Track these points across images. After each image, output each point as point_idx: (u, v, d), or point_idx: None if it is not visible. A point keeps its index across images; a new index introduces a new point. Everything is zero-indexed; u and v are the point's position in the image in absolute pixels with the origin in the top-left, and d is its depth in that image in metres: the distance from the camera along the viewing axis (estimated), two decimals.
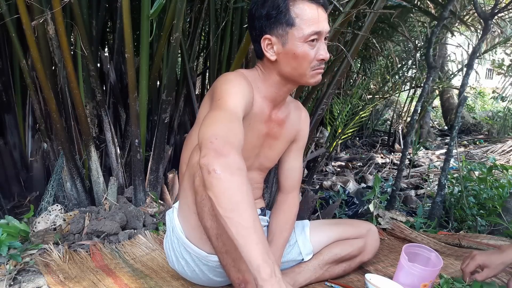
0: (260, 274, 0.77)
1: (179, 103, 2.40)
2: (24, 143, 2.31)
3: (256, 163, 1.27)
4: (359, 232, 1.41)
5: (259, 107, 1.15)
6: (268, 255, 0.79)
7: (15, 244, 1.41)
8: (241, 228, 0.79)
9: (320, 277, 1.35)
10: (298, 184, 1.39)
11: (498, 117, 7.18)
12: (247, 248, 0.79)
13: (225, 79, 1.06)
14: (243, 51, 1.75)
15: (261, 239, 0.80)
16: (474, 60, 2.18)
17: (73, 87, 1.72)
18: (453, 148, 2.19)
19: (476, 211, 2.15)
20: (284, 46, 1.09)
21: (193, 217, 1.05)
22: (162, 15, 1.85)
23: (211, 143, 0.84)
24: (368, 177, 3.42)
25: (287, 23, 1.06)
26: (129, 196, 1.89)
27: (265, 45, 1.10)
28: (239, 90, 1.03)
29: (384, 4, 1.80)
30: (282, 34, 1.08)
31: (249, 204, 0.81)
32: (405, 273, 1.25)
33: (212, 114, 0.95)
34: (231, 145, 0.85)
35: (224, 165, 0.81)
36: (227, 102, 0.98)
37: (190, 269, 1.17)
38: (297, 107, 1.34)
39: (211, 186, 0.82)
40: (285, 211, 1.33)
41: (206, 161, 0.82)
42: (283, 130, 1.26)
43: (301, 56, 1.08)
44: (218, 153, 0.82)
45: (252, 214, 0.81)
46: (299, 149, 1.37)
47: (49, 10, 1.60)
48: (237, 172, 0.82)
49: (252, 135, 1.17)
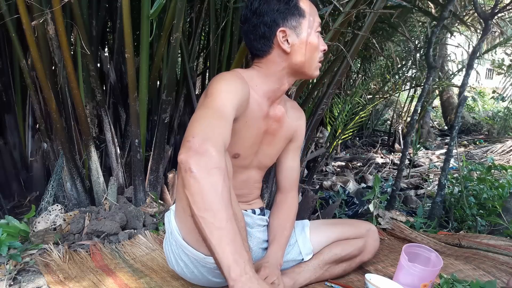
0: (230, 274, 0.78)
1: (179, 103, 2.40)
2: (24, 143, 2.31)
3: (255, 161, 1.27)
4: (359, 232, 1.41)
5: (256, 104, 1.15)
6: (239, 254, 0.79)
7: (15, 244, 1.41)
8: (213, 228, 0.79)
9: (320, 277, 1.35)
10: (296, 183, 1.40)
11: (498, 117, 7.19)
12: (218, 249, 0.79)
13: (219, 79, 1.06)
14: (243, 51, 1.74)
15: (233, 239, 0.80)
16: (474, 60, 2.18)
17: (73, 87, 1.72)
18: (453, 148, 2.19)
19: (476, 211, 2.15)
20: (299, 36, 1.13)
21: (188, 219, 1.05)
22: (162, 15, 1.85)
23: (188, 142, 0.83)
24: (368, 177, 3.42)
25: (299, 14, 1.12)
26: (129, 196, 1.89)
27: (280, 38, 1.12)
28: (230, 88, 1.03)
29: (384, 4, 1.80)
30: (296, 25, 1.12)
31: (223, 204, 0.80)
32: (405, 273, 1.25)
33: (197, 113, 0.95)
34: (209, 143, 0.84)
35: (200, 164, 0.81)
36: (214, 100, 0.98)
37: (189, 271, 1.17)
38: (293, 106, 1.35)
39: (187, 185, 0.82)
40: (285, 210, 1.34)
41: (183, 159, 0.82)
42: (281, 127, 1.27)
43: (314, 45, 1.14)
44: (195, 151, 0.82)
45: (226, 215, 0.80)
46: (297, 149, 1.38)
47: (49, 10, 1.60)
48: (213, 171, 0.81)
49: (250, 132, 1.17)
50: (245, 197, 1.30)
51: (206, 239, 0.81)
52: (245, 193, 1.29)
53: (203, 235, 0.82)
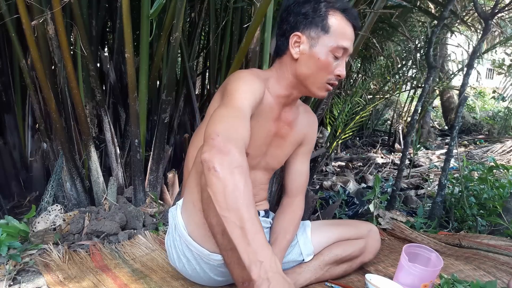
0: (250, 276, 0.78)
1: (179, 103, 2.40)
2: (23, 143, 2.31)
3: (263, 162, 1.27)
4: (360, 233, 1.41)
5: (269, 105, 1.16)
6: (259, 254, 0.79)
7: (15, 244, 1.41)
8: (235, 227, 0.80)
9: (320, 278, 1.35)
10: (304, 187, 1.39)
11: (498, 117, 7.19)
12: (240, 249, 0.79)
13: (237, 77, 1.07)
14: (243, 51, 1.74)
15: (256, 238, 0.80)
16: (474, 60, 2.18)
17: (72, 87, 1.72)
18: (453, 148, 2.19)
19: (476, 211, 2.14)
20: (311, 48, 1.10)
21: (198, 214, 1.05)
22: (162, 15, 1.85)
23: (213, 140, 0.85)
24: (368, 177, 3.42)
25: (322, 28, 1.09)
26: (128, 196, 1.88)
27: (292, 42, 1.11)
28: (248, 88, 1.04)
29: (384, 4, 1.80)
30: (314, 36, 1.10)
31: (246, 204, 0.81)
32: (405, 273, 1.25)
33: (218, 111, 0.96)
34: (232, 143, 0.85)
35: (224, 163, 0.82)
36: (235, 99, 0.99)
37: (191, 268, 1.17)
38: (306, 110, 1.35)
39: (210, 184, 0.82)
40: (289, 214, 1.33)
41: (207, 158, 0.83)
42: (292, 131, 1.27)
43: (323, 64, 1.10)
44: (218, 150, 0.83)
45: (247, 213, 0.81)
46: (306, 153, 1.37)
47: (49, 10, 1.60)
48: (236, 170, 0.82)
49: (260, 133, 1.18)
50: None
51: (227, 238, 0.81)
52: None
53: (224, 233, 0.82)
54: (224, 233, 1.00)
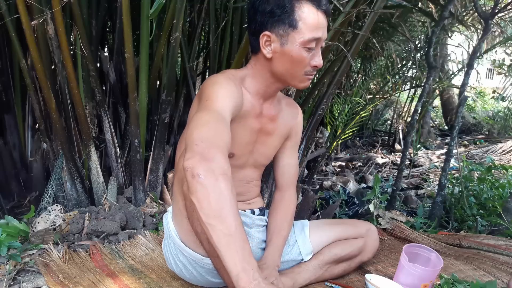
0: (238, 283, 0.77)
1: (179, 103, 2.39)
2: (23, 143, 2.31)
3: (251, 160, 1.26)
4: (359, 232, 1.41)
5: (249, 103, 1.15)
6: (247, 261, 0.78)
7: (15, 244, 1.41)
8: (222, 235, 0.78)
9: (320, 277, 1.35)
10: (294, 181, 1.38)
11: (498, 117, 7.18)
12: (227, 257, 0.78)
13: (213, 81, 1.05)
14: (243, 51, 1.74)
15: (242, 246, 0.79)
16: (474, 60, 2.18)
17: (72, 87, 1.72)
18: (453, 148, 2.19)
19: (476, 211, 2.14)
20: (282, 46, 1.07)
21: (185, 221, 1.04)
22: (162, 15, 1.85)
23: (196, 146, 0.83)
24: (368, 177, 3.42)
25: (290, 24, 1.05)
26: (129, 196, 1.88)
27: (263, 42, 1.09)
28: (226, 92, 1.02)
29: (384, 4, 1.80)
30: (283, 34, 1.06)
31: (232, 211, 0.80)
32: (405, 273, 1.25)
33: (199, 116, 0.94)
34: (216, 148, 0.83)
35: (208, 170, 0.80)
36: (214, 103, 0.97)
37: (188, 272, 1.17)
38: (289, 103, 1.33)
39: (194, 191, 0.80)
40: (282, 209, 1.33)
41: (191, 165, 0.81)
42: (276, 126, 1.26)
43: (297, 60, 1.08)
44: (202, 156, 0.81)
45: (234, 221, 0.79)
46: (293, 146, 1.36)
47: (49, 10, 1.60)
48: (221, 177, 0.80)
49: (245, 131, 1.17)
50: (243, 196, 1.29)
51: (213, 246, 0.80)
52: (242, 191, 1.29)
53: (210, 241, 0.80)
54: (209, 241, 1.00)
